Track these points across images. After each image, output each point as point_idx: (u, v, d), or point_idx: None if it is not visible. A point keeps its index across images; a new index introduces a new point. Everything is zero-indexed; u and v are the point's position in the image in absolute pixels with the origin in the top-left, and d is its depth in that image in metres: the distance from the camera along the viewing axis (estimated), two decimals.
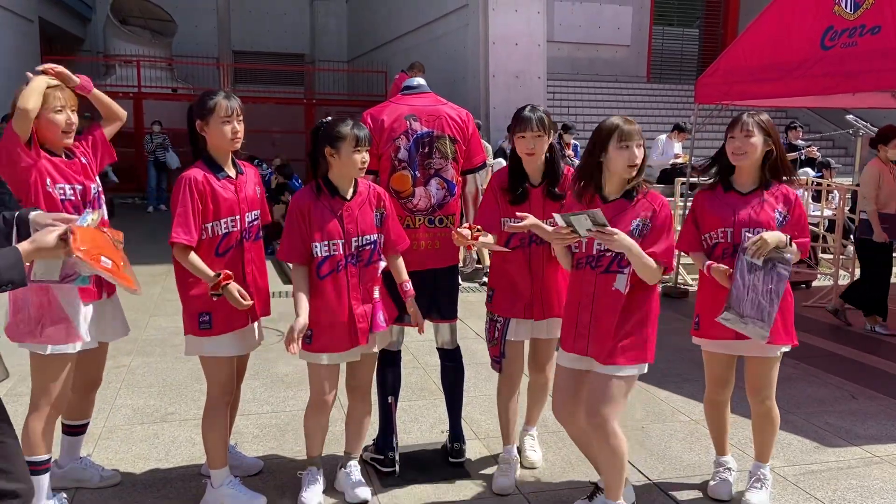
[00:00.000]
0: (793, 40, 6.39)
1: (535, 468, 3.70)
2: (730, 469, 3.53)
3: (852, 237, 7.18)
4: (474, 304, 6.94)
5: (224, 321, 3.11)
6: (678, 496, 3.49)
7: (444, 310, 3.61)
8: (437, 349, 3.73)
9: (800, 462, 3.86)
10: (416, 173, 3.49)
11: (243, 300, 3.02)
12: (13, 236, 2.28)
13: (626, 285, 2.91)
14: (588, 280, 2.97)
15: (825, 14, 6.06)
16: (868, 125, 9.75)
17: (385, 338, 3.42)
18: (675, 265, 7.40)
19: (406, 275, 3.33)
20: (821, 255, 8.76)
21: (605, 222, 2.77)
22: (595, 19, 17.68)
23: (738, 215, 3.20)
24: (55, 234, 2.13)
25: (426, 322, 3.48)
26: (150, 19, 20.29)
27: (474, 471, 3.67)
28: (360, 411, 3.44)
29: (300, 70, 22.80)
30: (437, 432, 4.11)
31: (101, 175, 3.31)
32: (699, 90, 7.76)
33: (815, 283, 8.45)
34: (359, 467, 3.44)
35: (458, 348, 3.72)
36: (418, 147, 3.48)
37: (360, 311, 3.19)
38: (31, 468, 2.68)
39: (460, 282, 5.48)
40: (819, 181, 9.69)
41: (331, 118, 3.24)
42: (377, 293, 3.27)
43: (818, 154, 11.86)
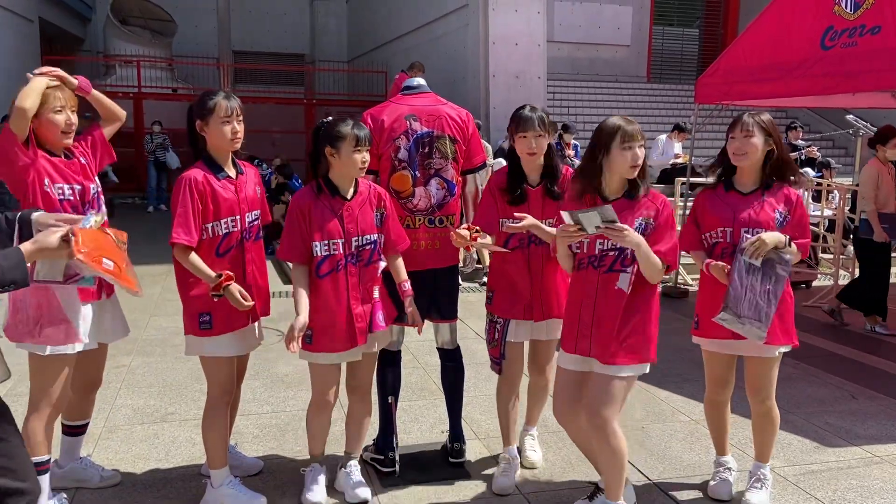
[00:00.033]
0: (793, 40, 6.39)
1: (535, 468, 3.70)
2: (730, 469, 3.53)
3: (852, 237, 7.17)
4: (474, 304, 6.94)
5: (224, 321, 3.11)
6: (678, 496, 3.49)
7: (444, 310, 3.61)
8: (437, 349, 3.73)
9: (800, 462, 3.86)
10: (416, 173, 3.48)
11: (244, 301, 3.02)
12: (15, 237, 2.28)
13: (629, 284, 2.91)
14: (590, 280, 2.96)
15: (825, 14, 6.05)
16: (868, 125, 9.75)
17: (385, 338, 3.42)
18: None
19: (405, 275, 3.33)
20: (821, 255, 8.76)
21: (615, 218, 2.76)
22: (595, 19, 17.68)
23: (737, 215, 3.21)
24: (58, 234, 2.13)
25: (426, 322, 3.48)
26: (150, 19, 20.30)
27: (474, 471, 3.67)
28: (361, 411, 3.45)
29: (300, 70, 22.80)
30: (437, 432, 4.11)
31: (100, 175, 3.31)
32: (699, 90, 7.76)
33: (815, 283, 8.45)
34: (359, 467, 3.44)
35: (458, 348, 3.72)
36: (418, 147, 3.48)
37: (358, 311, 3.19)
38: None
39: (460, 282, 5.48)
40: (819, 181, 9.70)
41: (331, 118, 3.24)
42: (377, 293, 3.28)
43: (818, 154, 11.87)
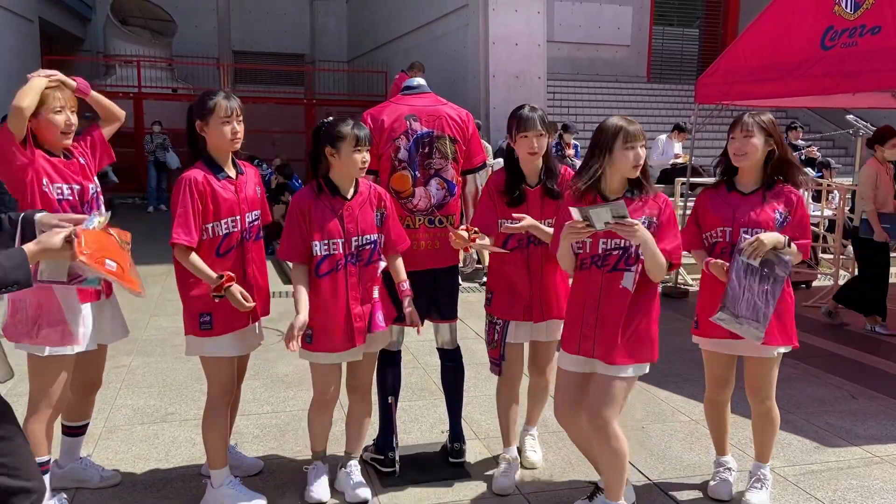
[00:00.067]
0: (793, 40, 6.39)
1: (535, 468, 3.70)
2: (730, 469, 3.52)
3: (851, 237, 7.17)
4: (474, 304, 6.94)
5: (225, 321, 3.11)
6: (678, 496, 3.49)
7: (444, 310, 3.61)
8: (437, 349, 3.73)
9: (800, 462, 3.86)
10: (416, 173, 3.48)
11: (246, 302, 3.02)
12: (17, 237, 2.28)
13: (633, 283, 2.90)
14: (594, 280, 2.94)
15: (825, 14, 6.05)
16: (868, 125, 9.75)
17: (385, 338, 3.42)
18: None
19: (404, 275, 3.33)
20: (821, 255, 8.76)
21: (626, 214, 2.74)
22: (595, 19, 17.70)
23: (737, 215, 3.21)
24: (61, 235, 2.13)
25: (427, 322, 3.48)
26: (150, 19, 20.30)
27: (474, 471, 3.67)
28: (361, 411, 3.45)
29: (300, 70, 22.80)
30: (437, 432, 4.11)
31: (100, 175, 3.31)
32: (699, 90, 7.75)
33: (815, 284, 8.45)
34: (359, 467, 3.44)
35: (458, 348, 3.72)
36: (418, 147, 3.48)
37: (357, 311, 3.19)
38: None
39: (460, 282, 5.48)
40: (819, 181, 9.70)
41: (332, 118, 3.24)
42: (377, 293, 3.28)
43: (818, 154, 11.87)
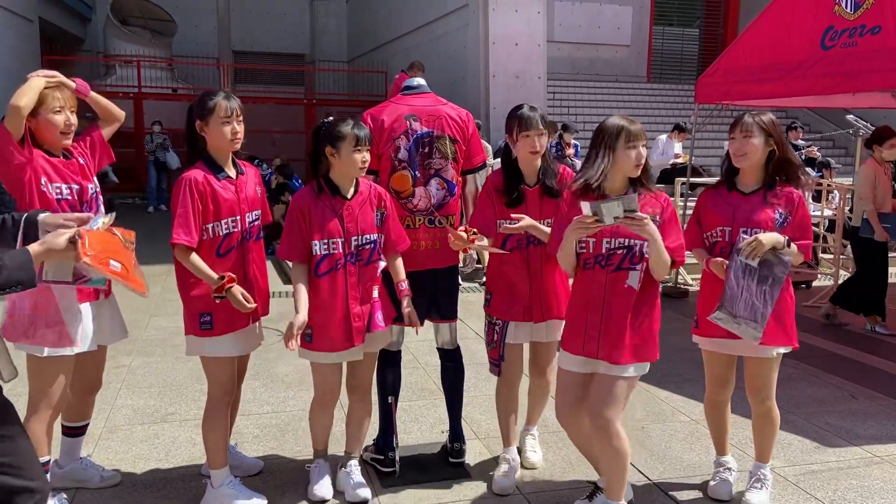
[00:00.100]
0: (793, 40, 6.38)
1: (535, 469, 3.70)
2: (730, 469, 3.52)
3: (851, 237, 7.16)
4: (474, 304, 6.93)
5: (225, 322, 3.11)
6: (678, 496, 3.49)
7: (444, 310, 3.61)
8: (437, 349, 3.73)
9: (800, 462, 3.86)
10: (416, 173, 3.48)
11: (247, 303, 3.02)
12: (19, 237, 2.28)
13: (639, 282, 2.90)
14: (598, 280, 2.93)
15: (825, 14, 6.05)
16: (868, 125, 9.74)
17: (385, 337, 3.42)
18: None
19: (403, 274, 3.33)
20: (821, 255, 8.76)
21: (636, 208, 2.72)
22: (595, 19, 17.69)
23: (737, 215, 3.21)
24: (65, 236, 2.13)
25: (427, 322, 3.48)
26: (150, 19, 20.30)
27: (474, 471, 3.67)
28: (361, 411, 3.45)
29: (300, 70, 22.79)
30: (437, 432, 4.11)
31: (101, 175, 3.31)
32: (699, 90, 7.75)
33: (815, 283, 8.45)
34: (359, 467, 3.44)
35: (458, 348, 3.72)
36: (418, 147, 3.48)
37: (356, 311, 3.19)
38: None
39: (460, 282, 5.48)
40: (819, 181, 9.70)
41: (332, 118, 3.24)
42: (376, 293, 3.28)
43: (818, 154, 11.87)
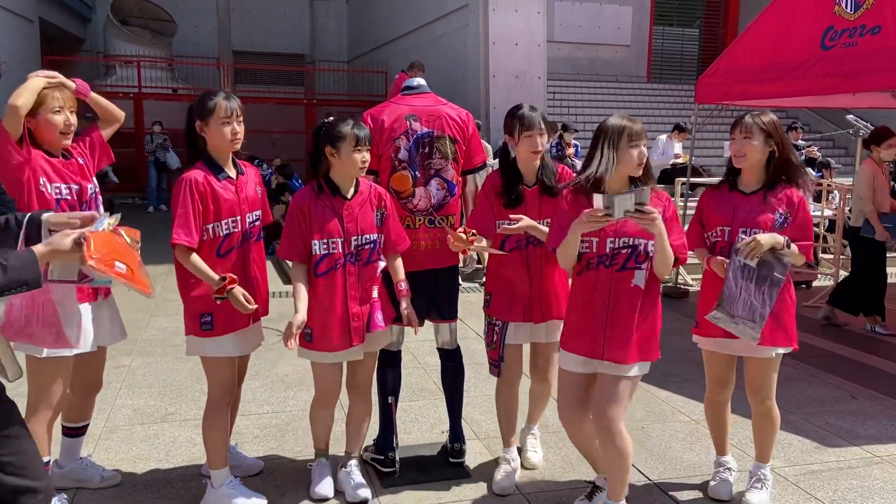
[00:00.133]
0: (793, 40, 6.38)
1: (535, 469, 3.70)
2: (730, 469, 3.53)
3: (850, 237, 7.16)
4: (474, 304, 6.93)
5: (226, 322, 3.11)
6: (678, 496, 3.50)
7: (444, 310, 3.61)
8: (438, 349, 3.73)
9: (800, 462, 3.86)
10: (417, 173, 3.48)
11: (248, 304, 3.02)
12: (21, 237, 2.28)
13: (645, 281, 2.90)
14: (602, 280, 2.92)
15: (825, 14, 6.05)
16: (868, 125, 9.74)
17: (384, 337, 3.42)
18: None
19: (402, 275, 3.33)
20: (821, 255, 8.76)
21: (647, 202, 2.71)
22: (595, 19, 17.68)
23: (736, 215, 3.21)
24: (71, 238, 2.13)
25: (427, 322, 3.48)
26: (150, 19, 20.30)
27: (474, 471, 3.67)
28: (361, 411, 3.45)
29: (300, 70, 22.78)
30: (438, 432, 4.11)
31: (101, 175, 3.30)
32: (699, 90, 7.75)
33: (815, 283, 8.45)
34: (359, 467, 3.45)
35: (458, 348, 3.72)
36: (418, 147, 3.48)
37: (355, 311, 3.19)
38: None
39: (460, 282, 5.48)
40: (819, 181, 9.70)
41: (332, 118, 3.24)
42: (376, 293, 3.27)
43: (818, 154, 11.87)
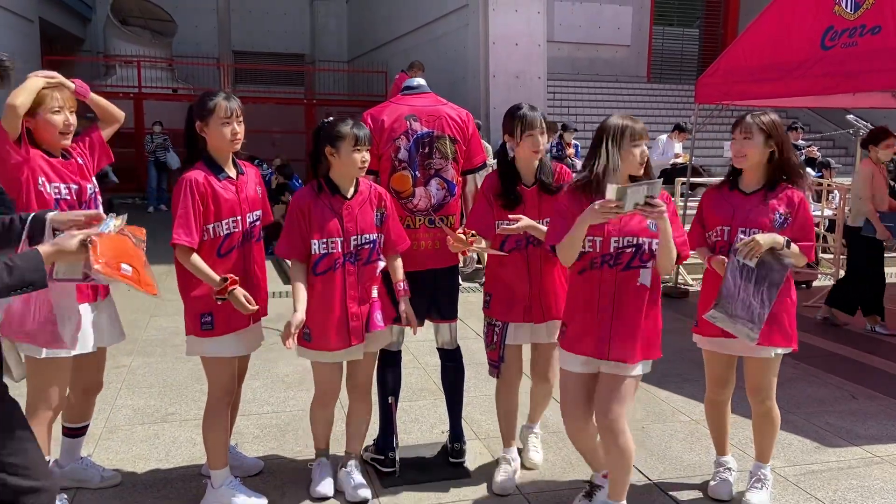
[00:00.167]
0: (793, 40, 6.39)
1: (535, 469, 3.70)
2: (730, 469, 3.53)
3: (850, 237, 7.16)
4: (474, 304, 6.92)
5: (226, 322, 3.11)
6: (678, 496, 3.50)
7: (444, 310, 3.61)
8: (438, 349, 3.73)
9: (800, 462, 3.86)
10: (417, 173, 3.48)
11: (249, 305, 3.02)
12: (23, 238, 2.28)
13: (650, 280, 2.90)
14: (606, 280, 2.90)
15: (825, 14, 6.05)
16: (868, 125, 9.75)
17: (384, 337, 3.42)
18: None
19: (402, 274, 3.33)
20: (821, 254, 8.76)
21: (658, 194, 2.72)
22: (595, 19, 17.69)
23: (736, 215, 3.21)
24: (77, 239, 2.13)
25: (427, 322, 3.48)
26: (150, 19, 20.31)
27: (474, 471, 3.67)
28: (361, 411, 3.45)
29: (300, 70, 22.79)
30: (438, 432, 4.11)
31: (101, 175, 3.30)
32: (699, 90, 7.75)
33: (815, 284, 8.46)
34: (359, 467, 3.45)
35: (458, 348, 3.72)
36: (418, 147, 3.48)
37: (354, 310, 3.19)
38: None
39: (460, 282, 5.47)
40: (819, 181, 9.70)
41: (332, 118, 3.25)
42: (375, 293, 3.27)
43: (818, 154, 11.87)
